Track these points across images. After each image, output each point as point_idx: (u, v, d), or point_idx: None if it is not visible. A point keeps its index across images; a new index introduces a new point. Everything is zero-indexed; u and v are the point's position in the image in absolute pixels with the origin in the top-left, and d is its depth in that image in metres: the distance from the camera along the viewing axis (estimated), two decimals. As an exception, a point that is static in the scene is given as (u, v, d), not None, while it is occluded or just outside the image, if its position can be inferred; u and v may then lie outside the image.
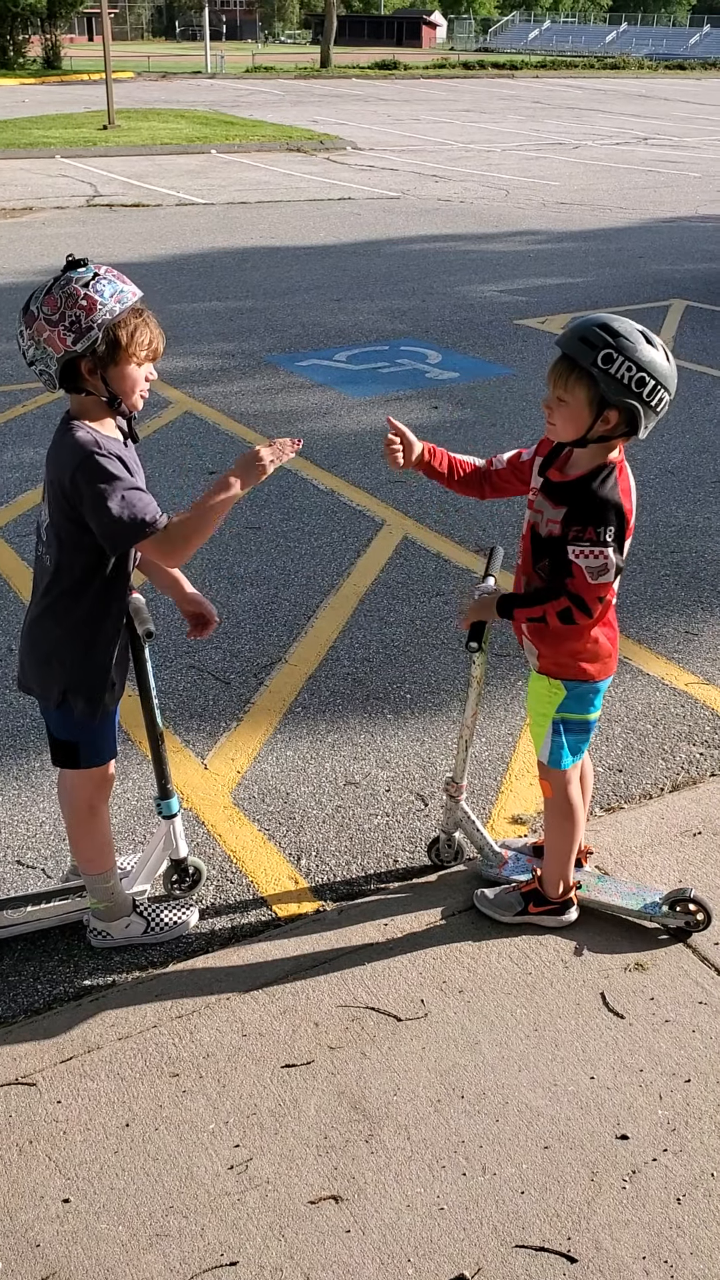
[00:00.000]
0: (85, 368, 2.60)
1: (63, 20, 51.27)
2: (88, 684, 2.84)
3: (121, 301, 2.57)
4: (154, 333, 2.65)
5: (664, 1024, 2.90)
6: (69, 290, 2.54)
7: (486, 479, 3.11)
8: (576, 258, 13.36)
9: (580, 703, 3.03)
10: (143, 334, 2.61)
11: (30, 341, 2.59)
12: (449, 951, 3.12)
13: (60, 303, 2.53)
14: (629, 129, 29.99)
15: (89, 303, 2.52)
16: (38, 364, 2.62)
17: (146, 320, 2.63)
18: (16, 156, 21.44)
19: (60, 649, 2.82)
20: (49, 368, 2.60)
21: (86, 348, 2.55)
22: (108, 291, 2.55)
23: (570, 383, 2.70)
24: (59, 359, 2.57)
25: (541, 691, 3.05)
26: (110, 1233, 2.38)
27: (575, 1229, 2.39)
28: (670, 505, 6.32)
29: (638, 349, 2.65)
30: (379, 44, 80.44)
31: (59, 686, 2.84)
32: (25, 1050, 2.80)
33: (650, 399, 2.69)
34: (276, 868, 3.52)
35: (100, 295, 2.54)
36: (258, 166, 21.27)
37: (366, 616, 5.07)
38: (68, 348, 2.55)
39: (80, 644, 2.81)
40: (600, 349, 2.64)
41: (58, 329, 2.53)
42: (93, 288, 2.54)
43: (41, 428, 7.35)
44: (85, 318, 2.52)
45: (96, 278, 2.57)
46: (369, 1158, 2.54)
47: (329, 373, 8.73)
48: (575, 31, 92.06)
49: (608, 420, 2.72)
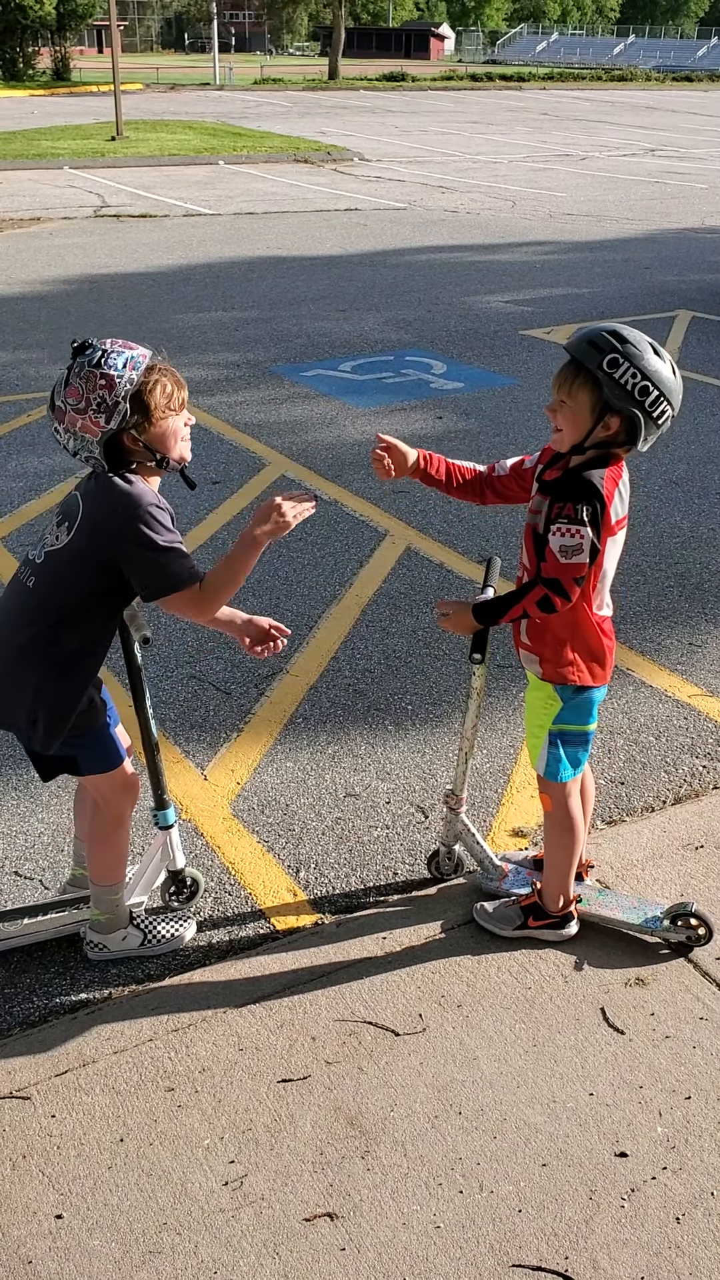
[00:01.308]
0: (128, 441, 2.65)
1: (72, 32, 51.51)
2: (55, 715, 2.81)
3: (135, 368, 2.61)
4: (175, 384, 2.70)
5: (664, 1040, 2.87)
6: (84, 375, 2.59)
7: (488, 484, 3.11)
8: (582, 268, 13.37)
9: (577, 713, 3.01)
10: (165, 389, 2.66)
11: (67, 434, 2.65)
12: (448, 966, 3.09)
13: (82, 390, 2.59)
14: (636, 140, 30.03)
15: (107, 381, 2.58)
16: (81, 453, 2.66)
17: (163, 374, 2.67)
18: (25, 167, 21.52)
19: (37, 679, 2.78)
20: (94, 453, 2.64)
21: (120, 423, 2.60)
22: (120, 363, 2.60)
23: (575, 386, 2.72)
24: (100, 441, 2.62)
25: (538, 704, 3.03)
26: (103, 1249, 2.35)
27: (573, 1248, 2.36)
28: (675, 516, 6.30)
29: (644, 357, 2.67)
30: (387, 56, 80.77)
31: (26, 713, 2.81)
32: (20, 1063, 2.78)
33: (652, 409, 2.69)
34: (275, 880, 3.50)
35: (115, 369, 2.59)
36: (265, 177, 21.33)
37: (368, 627, 5.05)
38: (104, 429, 2.60)
39: (58, 678, 2.78)
40: (607, 353, 2.66)
41: (88, 415, 2.59)
42: (105, 365, 2.59)
43: (46, 437, 7.35)
44: (109, 396, 2.58)
45: (105, 354, 2.61)
46: (365, 1175, 2.51)
47: (334, 383, 8.73)
48: (583, 43, 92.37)
49: (608, 426, 2.73)
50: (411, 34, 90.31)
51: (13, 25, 44.90)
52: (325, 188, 19.99)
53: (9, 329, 10.21)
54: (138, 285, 12.00)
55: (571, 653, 2.95)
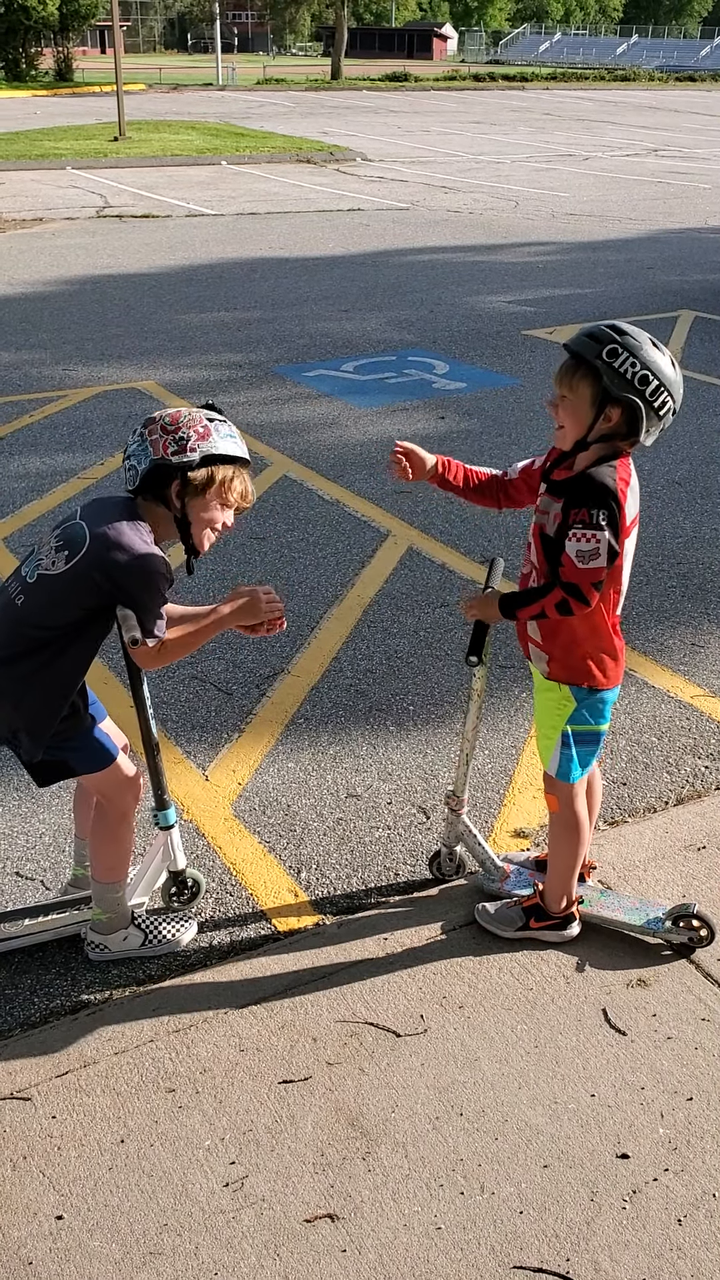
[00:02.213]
0: (175, 488, 2.72)
1: (75, 33, 51.50)
2: (37, 728, 2.83)
3: (228, 449, 2.73)
4: (247, 487, 2.81)
5: (666, 1041, 2.86)
6: (194, 417, 2.73)
7: (502, 489, 3.11)
8: (585, 268, 13.36)
9: (591, 713, 3.00)
10: (238, 482, 2.78)
11: (137, 439, 2.75)
12: (449, 966, 3.09)
13: (182, 421, 2.72)
14: (639, 141, 30.01)
15: (204, 431, 2.72)
16: (131, 459, 2.75)
17: (244, 476, 2.79)
18: (28, 168, 21.53)
19: (18, 692, 2.79)
20: (138, 465, 2.73)
21: (180, 463, 2.68)
22: (224, 432, 2.74)
23: (575, 379, 2.74)
24: (153, 460, 2.69)
25: (551, 704, 3.02)
26: (103, 1250, 2.35)
27: (574, 1250, 2.36)
28: (677, 517, 6.29)
29: (643, 348, 2.70)
30: (390, 56, 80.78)
31: (8, 724, 2.84)
32: (21, 1064, 2.77)
33: (653, 399, 2.70)
34: (276, 881, 3.49)
35: (217, 433, 2.72)
36: (268, 178, 21.34)
37: (370, 627, 5.05)
38: (165, 455, 2.69)
39: (43, 699, 2.81)
40: (606, 344, 2.69)
41: (166, 438, 2.69)
42: (214, 425, 2.73)
43: (48, 438, 7.36)
44: (194, 440, 2.70)
45: (223, 421, 2.77)
46: (366, 1176, 2.51)
47: (336, 383, 8.73)
48: (586, 43, 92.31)
49: (609, 418, 2.74)
50: (414, 34, 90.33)
51: (16, 26, 44.90)
52: (328, 188, 19.99)
53: (11, 329, 10.21)
54: (140, 286, 11.99)
55: (584, 654, 2.94)
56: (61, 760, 2.91)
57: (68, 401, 8.06)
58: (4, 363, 9.20)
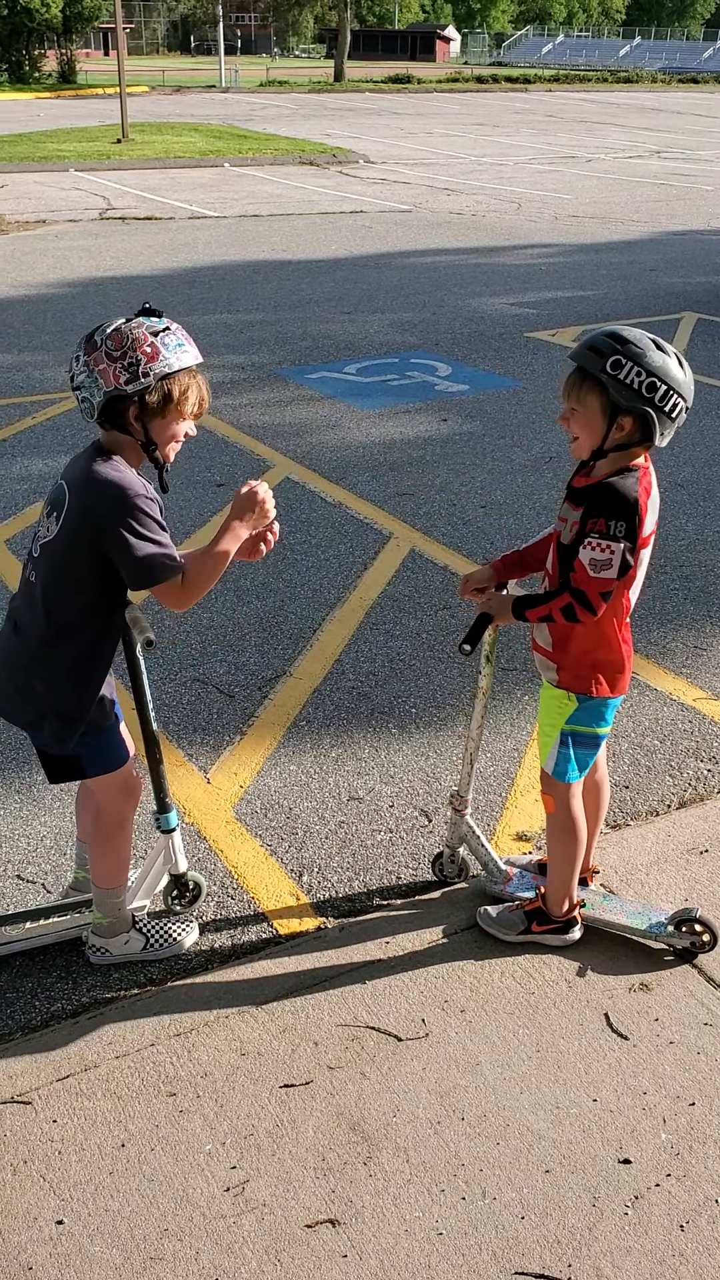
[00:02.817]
0: (131, 413, 2.65)
1: (78, 35, 51.60)
2: (69, 713, 2.82)
3: (182, 361, 2.63)
4: (204, 393, 2.73)
5: (668, 1046, 2.85)
6: (137, 334, 2.60)
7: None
8: (588, 270, 13.35)
9: (591, 716, 3.00)
10: (193, 393, 2.69)
11: (84, 369, 2.64)
12: (451, 970, 3.08)
13: (125, 342, 2.59)
14: (642, 142, 30.01)
15: (153, 350, 2.59)
16: (83, 390, 2.66)
17: (198, 380, 2.70)
18: (31, 170, 21.54)
19: (45, 675, 2.79)
20: (93, 398, 2.64)
21: (136, 391, 2.60)
22: (172, 345, 2.63)
23: (582, 393, 2.72)
24: (106, 393, 2.61)
25: (553, 703, 3.02)
26: (104, 1256, 2.34)
27: (576, 1256, 2.35)
28: (680, 519, 6.28)
29: (646, 355, 2.67)
30: (393, 58, 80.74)
31: (35, 710, 2.82)
32: (21, 1068, 2.77)
33: (664, 404, 2.69)
34: (278, 884, 3.49)
35: (165, 348, 2.61)
36: (270, 180, 21.34)
37: (373, 630, 5.04)
38: (118, 385, 2.60)
39: (72, 679, 2.79)
40: (609, 356, 2.66)
41: (115, 365, 2.59)
42: (161, 339, 2.62)
43: (50, 440, 7.36)
44: (145, 364, 2.59)
45: (167, 330, 2.64)
46: (367, 1180, 2.50)
47: (338, 385, 8.73)
48: (589, 45, 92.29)
49: (622, 427, 2.72)
50: (417, 36, 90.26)
51: (19, 28, 44.95)
52: (330, 190, 19.99)
53: (14, 331, 10.22)
54: (143, 288, 11.99)
55: (593, 665, 2.93)
56: (75, 758, 2.90)
57: (70, 404, 8.05)
58: (7, 364, 9.20)
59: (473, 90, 53.53)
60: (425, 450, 7.19)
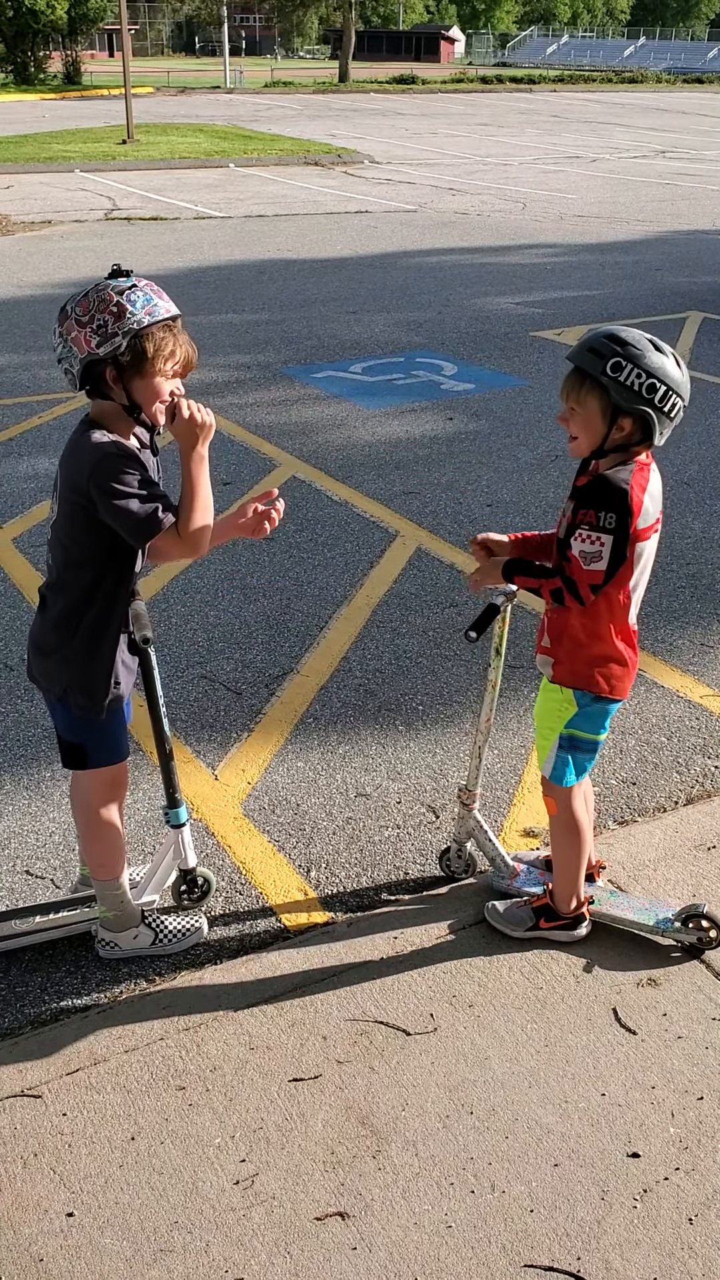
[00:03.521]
0: (109, 375, 2.63)
1: (83, 36, 51.66)
2: (90, 683, 2.87)
3: (152, 314, 2.60)
4: (184, 347, 2.68)
5: (676, 1040, 2.86)
6: (103, 295, 2.59)
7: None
8: (593, 270, 13.35)
9: (590, 721, 3.00)
10: (170, 348, 2.64)
11: (60, 339, 2.65)
12: (459, 966, 3.09)
13: (92, 306, 2.59)
14: (646, 143, 30.00)
15: (119, 310, 2.57)
16: (64, 362, 2.66)
17: (177, 335, 2.65)
18: (36, 171, 21.59)
19: (66, 651, 2.85)
20: (72, 367, 2.65)
21: (109, 353, 2.58)
22: (140, 302, 2.59)
23: (582, 394, 2.73)
24: (81, 360, 2.62)
25: (552, 706, 3.02)
26: (114, 1248, 2.35)
27: (585, 1249, 2.36)
28: (686, 517, 6.28)
29: (646, 356, 2.67)
30: (397, 59, 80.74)
31: (61, 683, 2.88)
32: (31, 1062, 2.78)
33: (663, 405, 2.70)
34: (286, 879, 3.49)
35: (132, 305, 2.58)
36: (275, 180, 21.36)
37: (379, 627, 5.05)
38: (90, 350, 2.59)
39: (85, 649, 2.85)
40: (609, 358, 2.67)
41: (85, 330, 2.59)
42: (126, 297, 2.59)
43: (58, 439, 7.37)
44: (112, 324, 2.57)
45: (133, 288, 2.61)
46: (376, 1174, 2.51)
47: (344, 384, 8.74)
48: (593, 46, 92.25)
49: (622, 428, 2.73)
50: (421, 37, 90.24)
51: (24, 29, 45.02)
52: (335, 190, 20.01)
53: (20, 331, 10.24)
54: (148, 287, 11.99)
55: (589, 660, 2.93)
56: (81, 745, 2.93)
57: (76, 403, 8.07)
58: (13, 364, 9.22)
59: (477, 91, 53.54)
60: (431, 449, 7.19)
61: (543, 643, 3.00)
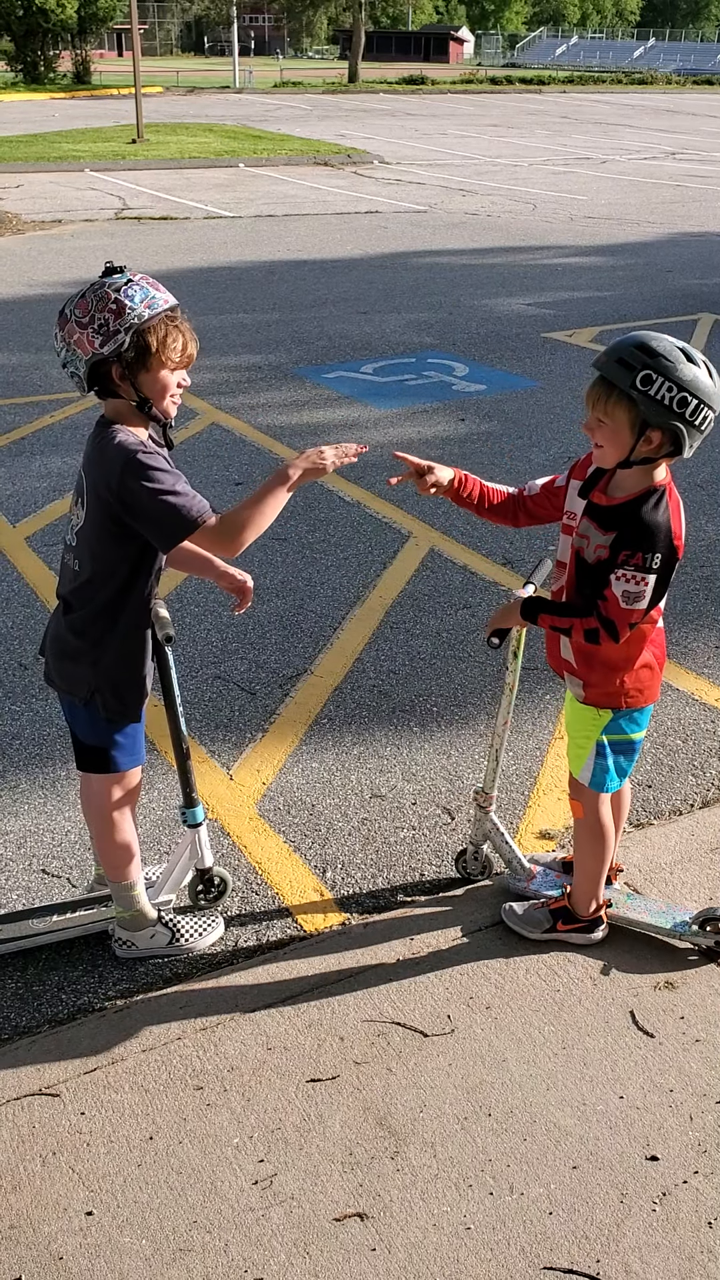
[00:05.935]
0: (115, 373, 2.63)
1: (93, 36, 51.70)
2: (119, 684, 2.87)
3: (151, 308, 2.59)
4: (186, 339, 2.67)
5: (694, 1043, 2.85)
6: (100, 294, 2.58)
7: (521, 506, 3.03)
8: (604, 271, 13.34)
9: (627, 722, 2.97)
10: (173, 339, 2.63)
11: (62, 344, 2.64)
12: (476, 967, 3.08)
13: (91, 306, 2.58)
14: (657, 144, 29.95)
15: (118, 307, 2.56)
16: (69, 366, 2.66)
17: (179, 326, 2.64)
18: (46, 170, 21.61)
19: (94, 653, 2.83)
20: (78, 370, 2.65)
21: (113, 351, 2.58)
22: (138, 297, 2.58)
23: (609, 405, 2.63)
24: (86, 361, 2.61)
25: (585, 717, 2.98)
26: (133, 1246, 2.36)
27: (604, 1251, 2.35)
28: (700, 520, 6.27)
29: (677, 368, 2.58)
30: (407, 59, 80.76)
31: (89, 685, 2.86)
32: (49, 1061, 2.78)
33: (694, 418, 2.63)
34: (302, 880, 3.49)
35: (130, 300, 2.57)
36: (285, 180, 21.37)
37: (393, 628, 5.05)
38: (95, 350, 2.58)
39: (118, 652, 2.84)
40: (638, 371, 2.57)
41: (86, 331, 2.58)
42: (124, 293, 2.57)
43: (70, 438, 7.39)
44: (113, 321, 2.56)
45: (129, 284, 2.60)
46: (395, 1175, 2.51)
47: (356, 385, 8.74)
48: (603, 47, 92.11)
49: (650, 440, 2.65)
50: (431, 37, 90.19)
51: (34, 29, 45.07)
52: (345, 190, 20.01)
53: (32, 330, 10.25)
54: (159, 287, 12.01)
55: (623, 680, 2.90)
56: (103, 748, 2.92)
57: (88, 402, 8.05)
58: (24, 364, 9.23)
59: (487, 91, 53.51)
60: (443, 450, 7.18)
61: (565, 658, 2.95)
